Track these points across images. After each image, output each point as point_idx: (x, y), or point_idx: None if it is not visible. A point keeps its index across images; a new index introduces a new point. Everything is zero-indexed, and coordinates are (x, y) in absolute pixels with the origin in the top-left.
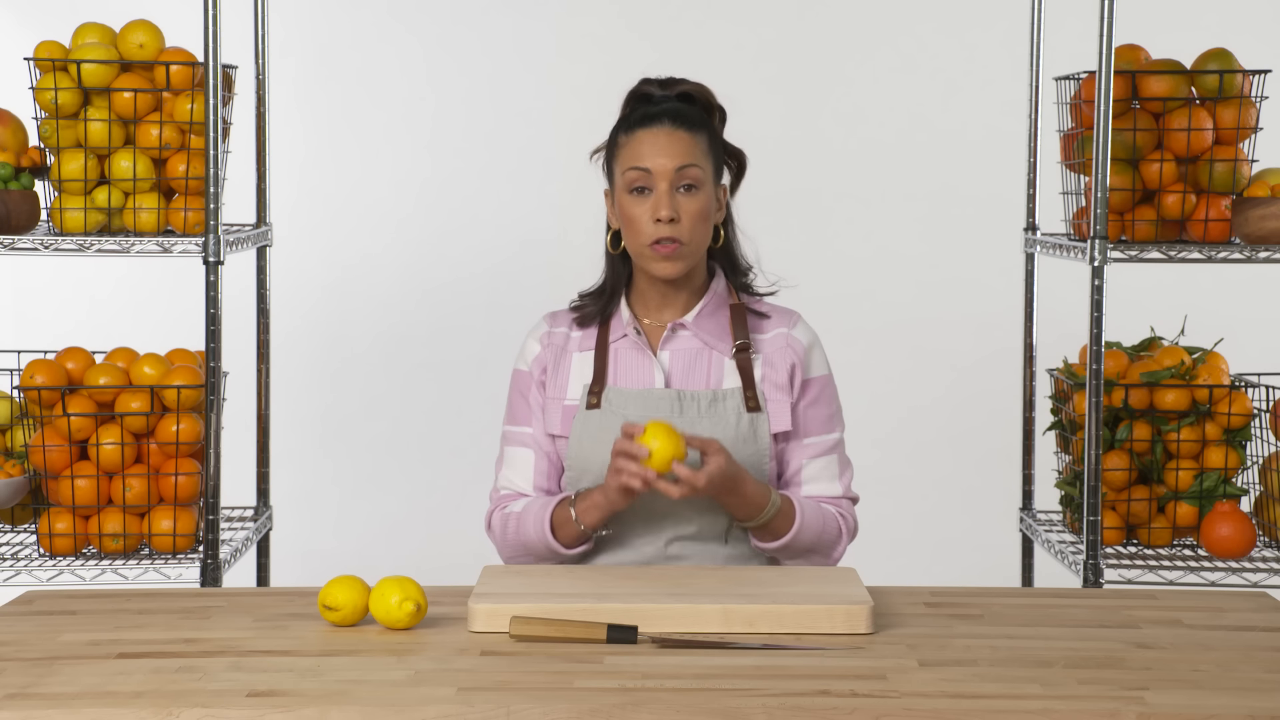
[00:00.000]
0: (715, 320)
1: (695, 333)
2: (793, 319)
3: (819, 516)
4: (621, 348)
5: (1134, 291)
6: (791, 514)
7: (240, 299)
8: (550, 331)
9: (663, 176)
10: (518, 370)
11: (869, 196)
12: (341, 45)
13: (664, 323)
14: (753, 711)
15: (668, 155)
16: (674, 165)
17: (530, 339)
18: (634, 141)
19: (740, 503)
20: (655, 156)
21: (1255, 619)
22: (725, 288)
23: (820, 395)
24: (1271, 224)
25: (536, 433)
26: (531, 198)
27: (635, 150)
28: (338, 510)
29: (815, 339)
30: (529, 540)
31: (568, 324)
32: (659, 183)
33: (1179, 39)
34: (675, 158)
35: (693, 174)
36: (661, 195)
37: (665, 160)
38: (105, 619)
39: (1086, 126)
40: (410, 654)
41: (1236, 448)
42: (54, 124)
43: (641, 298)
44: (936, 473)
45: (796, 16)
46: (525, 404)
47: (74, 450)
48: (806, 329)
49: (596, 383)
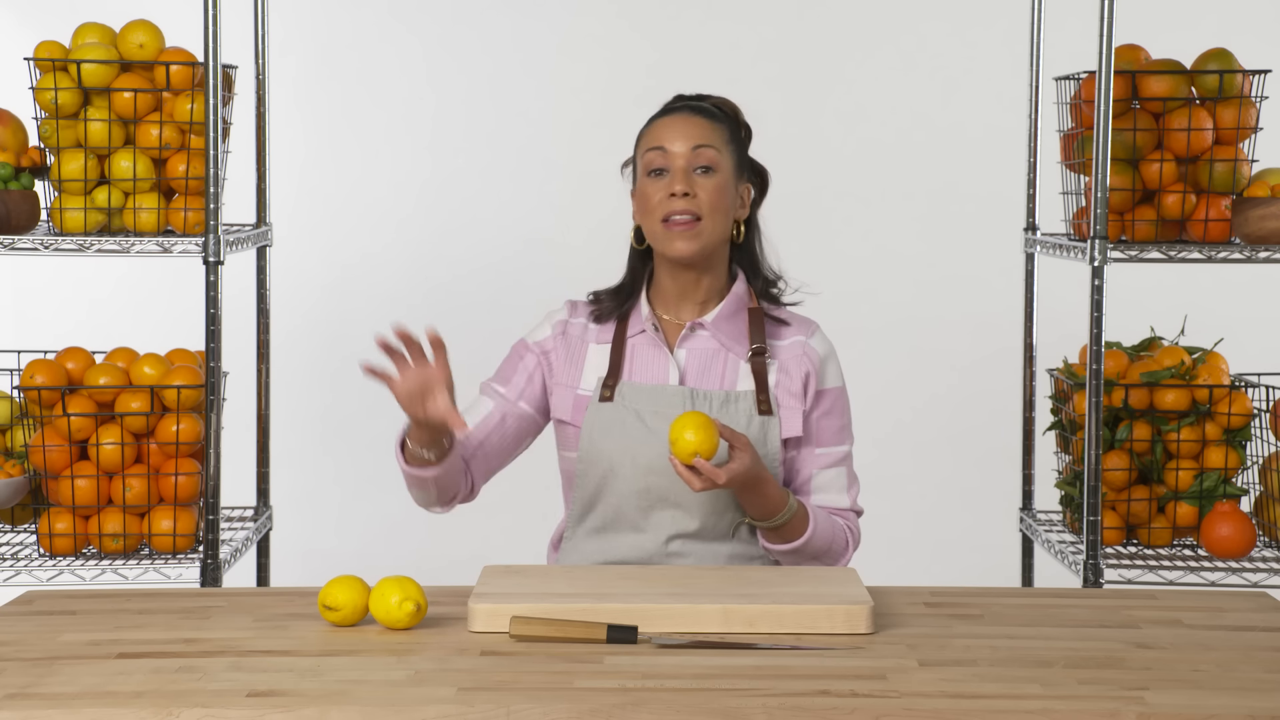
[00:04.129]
0: (734, 323)
1: (713, 333)
2: (811, 328)
3: (830, 526)
4: (639, 343)
5: (1134, 291)
6: (806, 519)
7: (240, 299)
8: (569, 321)
9: (680, 154)
10: (522, 341)
11: (869, 196)
12: (341, 45)
13: (682, 321)
14: (753, 711)
15: (684, 137)
16: (690, 145)
17: (546, 323)
18: (653, 127)
19: (760, 502)
20: (672, 139)
21: (1255, 619)
22: (746, 291)
23: (834, 406)
24: (1271, 224)
25: (509, 394)
26: (531, 197)
27: (654, 134)
28: (338, 510)
29: (832, 350)
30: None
31: (586, 315)
32: (675, 162)
33: (1179, 39)
34: (691, 139)
35: (708, 155)
36: (677, 172)
37: (681, 141)
38: (105, 619)
39: (1086, 126)
40: (410, 654)
41: (1236, 448)
42: (54, 124)
43: (661, 293)
44: (936, 473)
45: (796, 16)
46: (513, 369)
47: (74, 450)
48: (824, 340)
49: (611, 376)
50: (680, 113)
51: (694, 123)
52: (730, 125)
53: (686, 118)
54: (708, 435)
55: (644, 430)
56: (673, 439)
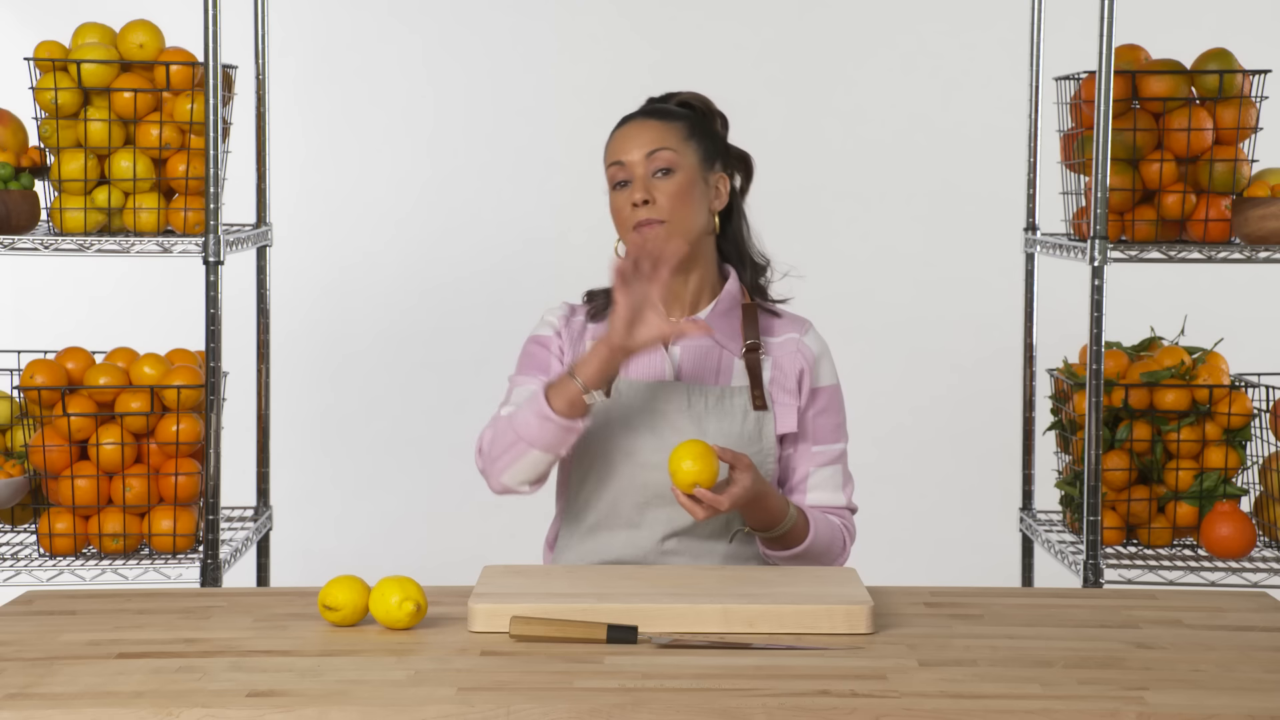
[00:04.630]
0: (728, 320)
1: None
2: (804, 326)
3: (829, 529)
4: None
5: (1134, 291)
6: (805, 526)
7: (240, 299)
8: (569, 318)
9: (636, 164)
10: (536, 334)
11: (869, 196)
12: (341, 45)
13: (675, 318)
14: (753, 711)
15: (637, 145)
16: (644, 152)
17: (550, 315)
18: (611, 141)
19: (762, 515)
20: (628, 149)
21: (1255, 619)
22: (739, 289)
23: (829, 404)
24: (1271, 224)
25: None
26: (531, 197)
27: (612, 148)
28: (338, 510)
29: (825, 348)
30: (521, 425)
31: (584, 314)
32: (634, 171)
33: (1179, 39)
34: (644, 145)
35: (664, 157)
36: (636, 182)
37: (635, 150)
38: (105, 619)
39: (1086, 126)
40: (410, 654)
41: (1236, 448)
42: (54, 124)
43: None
44: (936, 473)
45: (797, 16)
46: (536, 360)
47: (74, 450)
48: (817, 338)
49: None
50: (633, 121)
51: (646, 127)
52: (690, 120)
53: (639, 124)
54: (706, 464)
55: (640, 427)
56: (672, 469)
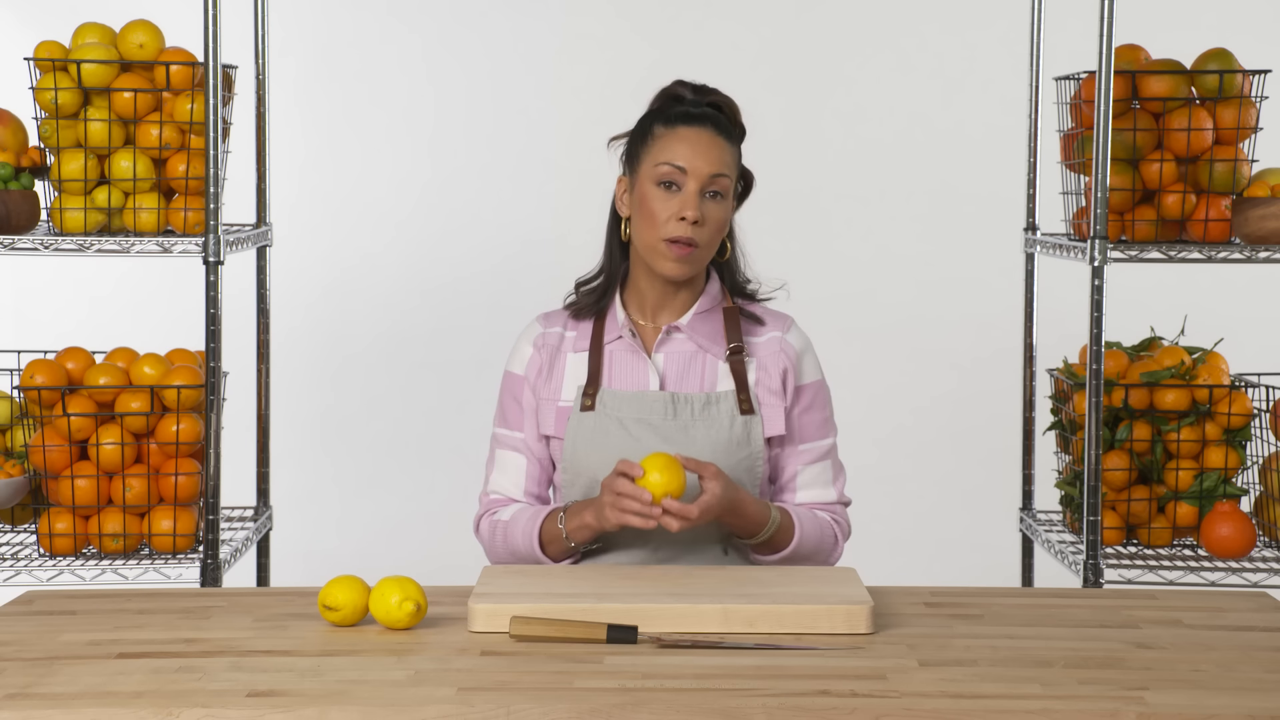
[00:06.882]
0: (710, 323)
1: (690, 335)
2: (786, 323)
3: (816, 527)
4: (616, 349)
5: (1134, 291)
6: (791, 528)
7: (240, 299)
8: (544, 333)
9: (696, 178)
10: (510, 373)
11: (869, 196)
12: (341, 45)
13: (659, 325)
14: (753, 711)
15: (706, 159)
16: (710, 170)
17: (523, 341)
18: (674, 136)
19: (741, 523)
20: (694, 157)
21: (1255, 619)
22: (720, 291)
23: (814, 401)
24: (1271, 224)
25: (528, 437)
26: (531, 198)
27: (673, 145)
28: (338, 510)
29: (808, 344)
30: (517, 549)
31: (562, 323)
32: (690, 183)
33: (1179, 39)
34: (712, 164)
35: (723, 183)
36: (690, 195)
37: (703, 163)
38: (105, 619)
39: (1086, 126)
40: (410, 654)
41: (1236, 448)
42: (54, 124)
43: (638, 298)
44: (936, 473)
45: (796, 16)
46: (517, 407)
47: (74, 450)
48: (799, 334)
49: (591, 384)
50: (705, 127)
51: (716, 144)
52: (739, 144)
53: (711, 137)
54: (673, 475)
55: (627, 438)
56: (639, 484)
